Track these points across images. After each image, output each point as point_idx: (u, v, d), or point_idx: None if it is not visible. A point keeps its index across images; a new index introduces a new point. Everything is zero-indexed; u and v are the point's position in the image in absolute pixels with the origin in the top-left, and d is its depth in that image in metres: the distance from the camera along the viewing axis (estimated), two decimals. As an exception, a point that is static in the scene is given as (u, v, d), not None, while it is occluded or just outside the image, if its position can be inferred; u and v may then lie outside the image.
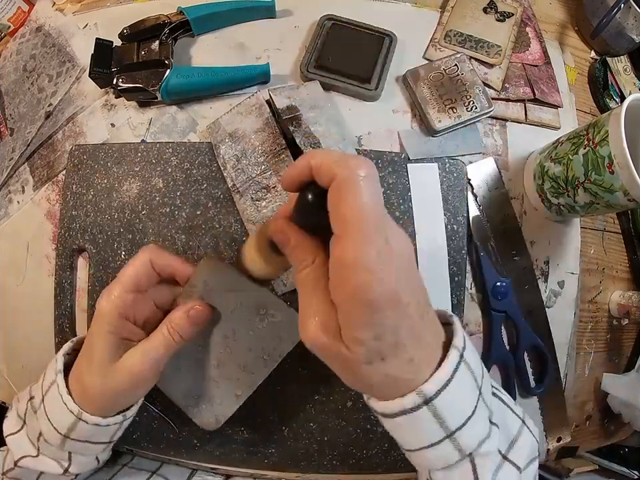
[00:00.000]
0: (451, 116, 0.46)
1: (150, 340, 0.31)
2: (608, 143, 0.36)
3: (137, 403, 0.35)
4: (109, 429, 0.32)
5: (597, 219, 0.51)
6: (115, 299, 0.31)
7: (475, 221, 0.45)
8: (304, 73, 0.46)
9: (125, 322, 0.31)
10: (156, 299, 0.33)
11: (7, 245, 0.47)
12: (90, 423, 0.31)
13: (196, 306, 0.32)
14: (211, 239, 0.43)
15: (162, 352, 0.31)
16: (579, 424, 0.49)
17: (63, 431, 0.31)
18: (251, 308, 0.33)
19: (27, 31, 0.54)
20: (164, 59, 0.44)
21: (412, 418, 0.23)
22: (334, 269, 0.23)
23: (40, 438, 0.32)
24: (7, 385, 0.46)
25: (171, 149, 0.44)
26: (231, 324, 0.33)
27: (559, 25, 0.56)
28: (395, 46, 0.48)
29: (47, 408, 0.32)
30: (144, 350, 0.31)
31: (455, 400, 0.24)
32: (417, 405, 0.23)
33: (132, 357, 0.31)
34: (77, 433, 0.31)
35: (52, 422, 0.31)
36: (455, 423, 0.24)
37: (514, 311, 0.44)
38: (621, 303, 0.49)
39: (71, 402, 0.30)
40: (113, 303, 0.31)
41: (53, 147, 0.48)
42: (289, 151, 0.42)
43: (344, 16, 0.48)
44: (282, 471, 0.44)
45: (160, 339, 0.31)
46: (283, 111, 0.42)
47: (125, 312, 0.31)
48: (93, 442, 0.33)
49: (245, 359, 0.34)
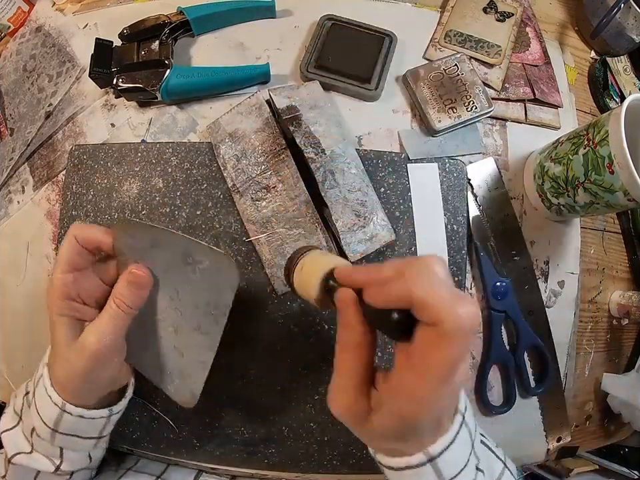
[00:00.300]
0: (451, 116, 0.46)
1: (101, 317, 0.31)
2: (608, 142, 0.36)
3: (125, 397, 0.35)
4: (95, 422, 0.33)
5: (597, 219, 0.51)
6: (55, 282, 0.31)
7: (475, 221, 0.45)
8: (304, 73, 0.46)
9: (72, 303, 0.31)
10: (103, 276, 0.33)
11: (7, 245, 0.47)
12: (74, 414, 0.31)
13: (132, 270, 0.32)
14: (211, 239, 0.43)
15: (114, 326, 0.31)
16: (578, 424, 0.49)
17: (50, 424, 0.31)
18: (178, 260, 0.32)
19: (26, 31, 0.54)
20: (164, 58, 0.44)
21: (414, 472, 0.26)
22: (397, 389, 0.24)
23: (33, 433, 0.32)
24: (7, 385, 0.46)
25: (171, 149, 0.44)
26: (171, 284, 0.33)
27: (559, 25, 0.56)
28: (395, 46, 0.48)
29: (36, 401, 0.32)
30: (96, 327, 0.31)
31: (454, 457, 0.27)
32: (422, 462, 0.26)
33: (87, 336, 0.31)
34: (63, 425, 0.31)
35: (41, 415, 0.31)
36: (449, 474, 0.27)
37: (514, 310, 0.44)
38: (621, 303, 0.49)
39: (54, 394, 0.31)
40: (54, 286, 0.31)
41: (53, 147, 0.48)
42: (288, 151, 0.42)
43: (344, 16, 0.48)
44: (282, 470, 0.44)
45: (110, 312, 0.31)
46: (283, 111, 0.42)
47: (68, 293, 0.31)
48: (82, 436, 0.33)
49: (196, 319, 0.33)
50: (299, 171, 0.41)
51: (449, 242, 0.44)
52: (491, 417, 0.45)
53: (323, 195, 0.40)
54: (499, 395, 0.45)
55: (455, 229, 0.44)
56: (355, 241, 0.40)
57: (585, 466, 0.52)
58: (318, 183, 0.40)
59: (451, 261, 0.44)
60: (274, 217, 0.41)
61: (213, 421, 0.42)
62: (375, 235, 0.41)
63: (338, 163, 0.41)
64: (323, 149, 0.41)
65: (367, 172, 0.44)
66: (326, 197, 0.40)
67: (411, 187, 0.44)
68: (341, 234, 0.40)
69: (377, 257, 0.43)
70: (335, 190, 0.41)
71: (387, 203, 0.44)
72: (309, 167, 0.41)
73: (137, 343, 0.33)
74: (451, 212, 0.44)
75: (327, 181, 0.40)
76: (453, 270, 0.44)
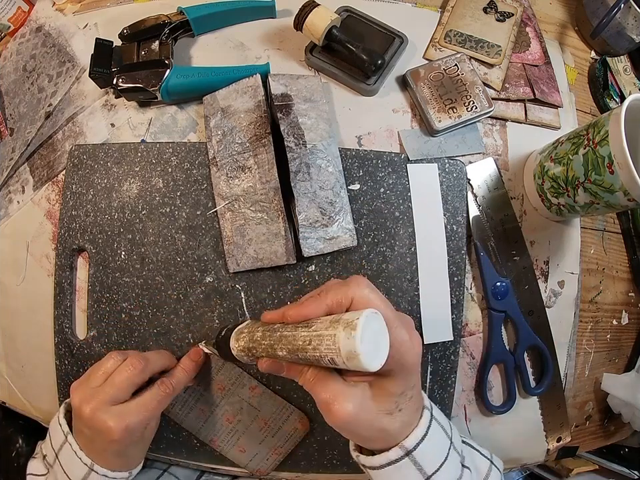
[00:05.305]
0: (451, 116, 0.46)
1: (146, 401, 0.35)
2: (608, 142, 0.36)
3: (141, 463, 0.38)
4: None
5: (597, 219, 0.51)
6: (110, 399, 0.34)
7: (475, 221, 0.45)
8: (308, 56, 0.47)
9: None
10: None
11: (7, 245, 0.47)
12: (99, 473, 0.34)
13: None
14: (211, 239, 0.43)
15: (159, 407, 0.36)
16: (578, 424, 0.49)
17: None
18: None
19: (26, 30, 0.54)
20: (164, 58, 0.44)
21: (396, 467, 0.29)
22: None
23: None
24: (7, 384, 0.46)
25: (171, 149, 0.44)
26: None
27: (559, 25, 0.56)
28: (405, 48, 0.48)
29: (62, 462, 0.35)
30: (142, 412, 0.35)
31: (430, 450, 0.30)
32: (400, 456, 0.29)
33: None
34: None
35: (67, 473, 0.35)
36: (431, 469, 0.30)
37: (514, 311, 0.44)
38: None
39: (84, 456, 0.34)
40: (106, 402, 0.34)
41: (53, 147, 0.48)
42: (271, 137, 0.41)
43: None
44: (282, 470, 0.44)
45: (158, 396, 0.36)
46: (277, 97, 0.42)
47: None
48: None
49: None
50: (279, 160, 0.41)
51: (448, 242, 0.44)
52: (490, 417, 0.45)
53: (292, 185, 0.40)
54: (498, 395, 0.46)
55: (455, 229, 0.44)
56: (314, 238, 0.40)
57: (584, 466, 0.52)
58: (290, 173, 0.40)
59: (450, 261, 0.44)
60: (242, 196, 0.42)
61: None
62: (335, 237, 0.41)
63: (316, 158, 0.41)
64: (305, 141, 0.41)
65: (367, 172, 0.44)
66: (295, 187, 0.40)
67: (410, 187, 0.44)
68: (300, 227, 0.40)
69: (334, 259, 0.43)
70: (307, 183, 0.41)
71: (387, 202, 0.44)
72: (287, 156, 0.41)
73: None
74: (450, 212, 0.44)
75: (301, 173, 0.40)
76: (452, 270, 0.44)
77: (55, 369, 0.43)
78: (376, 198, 0.44)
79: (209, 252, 0.43)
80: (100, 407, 0.33)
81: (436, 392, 0.43)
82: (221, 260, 0.42)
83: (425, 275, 0.43)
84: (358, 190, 0.44)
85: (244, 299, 0.42)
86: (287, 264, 0.41)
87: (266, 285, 0.42)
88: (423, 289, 0.43)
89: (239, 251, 0.41)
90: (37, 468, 0.37)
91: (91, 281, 0.43)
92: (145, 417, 0.34)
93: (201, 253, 0.43)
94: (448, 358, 0.43)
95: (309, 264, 0.42)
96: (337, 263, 0.43)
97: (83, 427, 0.34)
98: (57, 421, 0.37)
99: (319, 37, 0.44)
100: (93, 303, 0.43)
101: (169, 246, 0.43)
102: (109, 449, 0.34)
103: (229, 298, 0.43)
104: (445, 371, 0.43)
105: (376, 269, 0.43)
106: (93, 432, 0.33)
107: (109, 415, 0.33)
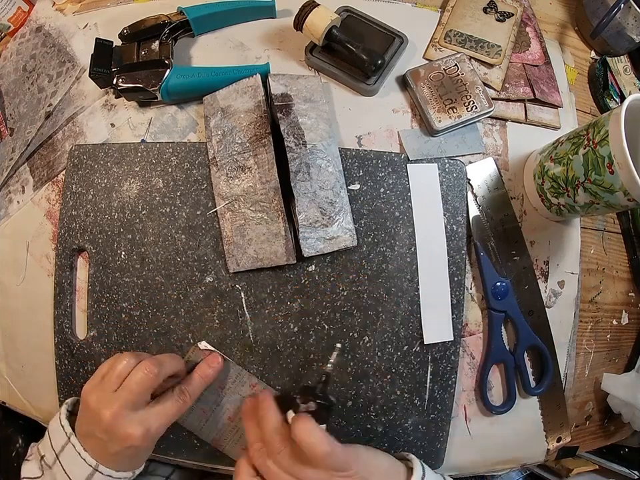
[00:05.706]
0: (451, 116, 0.46)
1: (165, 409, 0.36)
2: (608, 142, 0.36)
3: (144, 463, 0.38)
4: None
5: (597, 219, 0.51)
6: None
7: (475, 221, 0.45)
8: (308, 56, 0.47)
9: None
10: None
11: (7, 245, 0.47)
12: (104, 473, 0.34)
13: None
14: (211, 239, 0.43)
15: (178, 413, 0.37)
16: (578, 424, 0.49)
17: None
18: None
19: (26, 30, 0.54)
20: (164, 58, 0.44)
21: None
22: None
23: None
24: (7, 384, 0.46)
25: (171, 149, 0.44)
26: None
27: (559, 25, 0.56)
28: (405, 48, 0.48)
29: (63, 463, 0.35)
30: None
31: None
32: None
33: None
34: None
35: (68, 474, 0.34)
36: None
37: (514, 311, 0.44)
38: None
39: (88, 457, 0.34)
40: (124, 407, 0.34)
41: (53, 147, 0.48)
42: (271, 137, 0.41)
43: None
44: (282, 470, 0.44)
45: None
46: (276, 97, 0.42)
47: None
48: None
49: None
50: (279, 160, 0.41)
51: (448, 242, 0.44)
52: (490, 417, 0.45)
53: (292, 185, 0.40)
54: (498, 395, 0.46)
55: (455, 229, 0.44)
56: (314, 238, 0.40)
57: (584, 466, 0.52)
58: (290, 173, 0.40)
59: (450, 261, 0.44)
60: (242, 196, 0.42)
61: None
62: (335, 237, 0.41)
63: (316, 158, 0.41)
64: (305, 141, 0.41)
65: (367, 172, 0.44)
66: (295, 187, 0.40)
67: (410, 187, 0.44)
68: (300, 227, 0.40)
69: (334, 259, 0.43)
70: (307, 183, 0.40)
71: (387, 203, 0.44)
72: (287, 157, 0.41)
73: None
74: (450, 212, 0.44)
75: (301, 173, 0.40)
76: (452, 270, 0.44)
77: (55, 368, 0.43)
78: (376, 198, 0.44)
79: (209, 252, 0.43)
80: (121, 413, 0.33)
81: (436, 392, 0.43)
82: (221, 260, 0.42)
83: (425, 274, 0.43)
84: (358, 190, 0.44)
85: (244, 299, 0.42)
86: (287, 264, 0.41)
87: (266, 285, 0.43)
88: (423, 289, 0.43)
89: (239, 251, 0.41)
90: (31, 470, 0.37)
91: (91, 280, 0.43)
92: (164, 424, 0.35)
93: (201, 252, 0.43)
94: (448, 358, 0.43)
95: (309, 264, 0.42)
96: (337, 263, 0.43)
97: (98, 431, 0.33)
98: (58, 422, 0.36)
99: (319, 37, 0.44)
100: (93, 303, 0.43)
101: (168, 246, 0.43)
102: (123, 453, 0.34)
103: (229, 298, 0.43)
104: (445, 371, 0.43)
105: (376, 269, 0.43)
106: (110, 436, 0.33)
107: (130, 422, 0.33)
